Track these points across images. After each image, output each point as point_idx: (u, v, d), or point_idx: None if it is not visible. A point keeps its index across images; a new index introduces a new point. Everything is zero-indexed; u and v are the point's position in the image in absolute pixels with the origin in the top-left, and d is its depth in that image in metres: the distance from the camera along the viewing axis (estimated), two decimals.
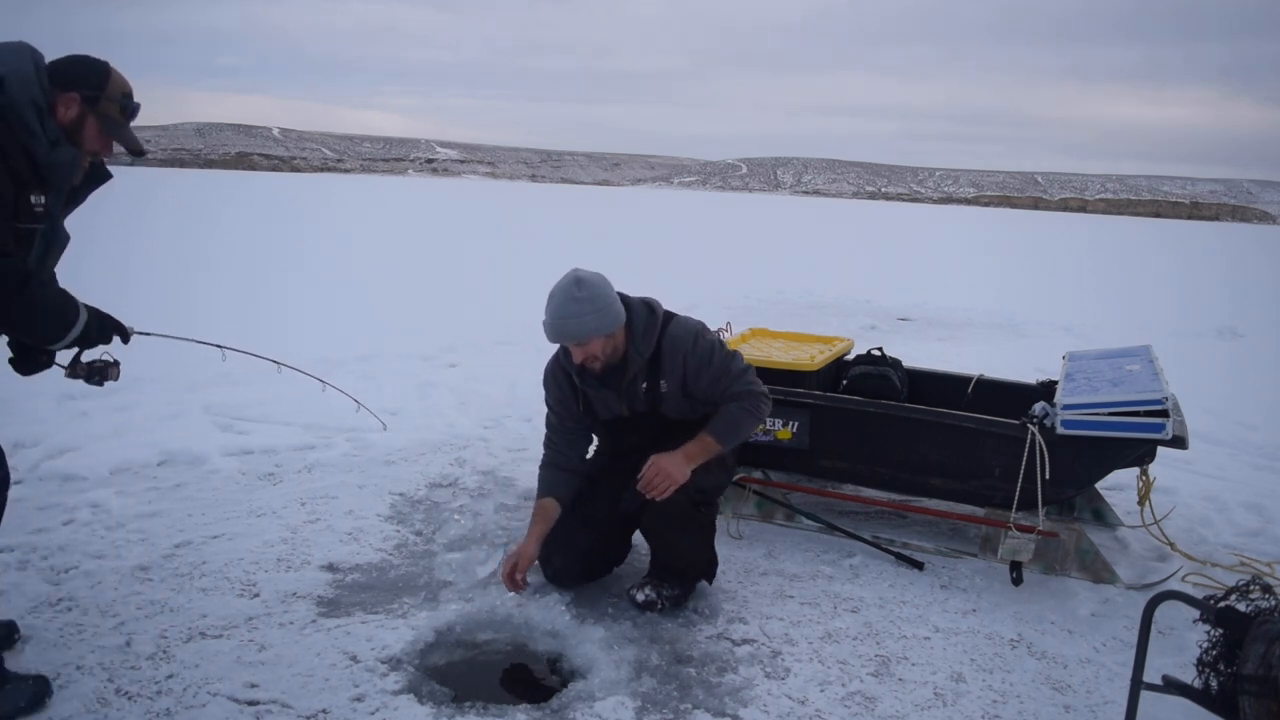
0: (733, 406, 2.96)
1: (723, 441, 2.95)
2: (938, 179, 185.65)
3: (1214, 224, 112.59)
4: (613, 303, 2.89)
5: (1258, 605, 1.85)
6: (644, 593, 3.02)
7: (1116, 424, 3.23)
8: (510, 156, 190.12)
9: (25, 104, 2.18)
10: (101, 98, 2.32)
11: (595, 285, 2.88)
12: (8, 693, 2.31)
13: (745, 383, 2.98)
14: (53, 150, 2.24)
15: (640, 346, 2.97)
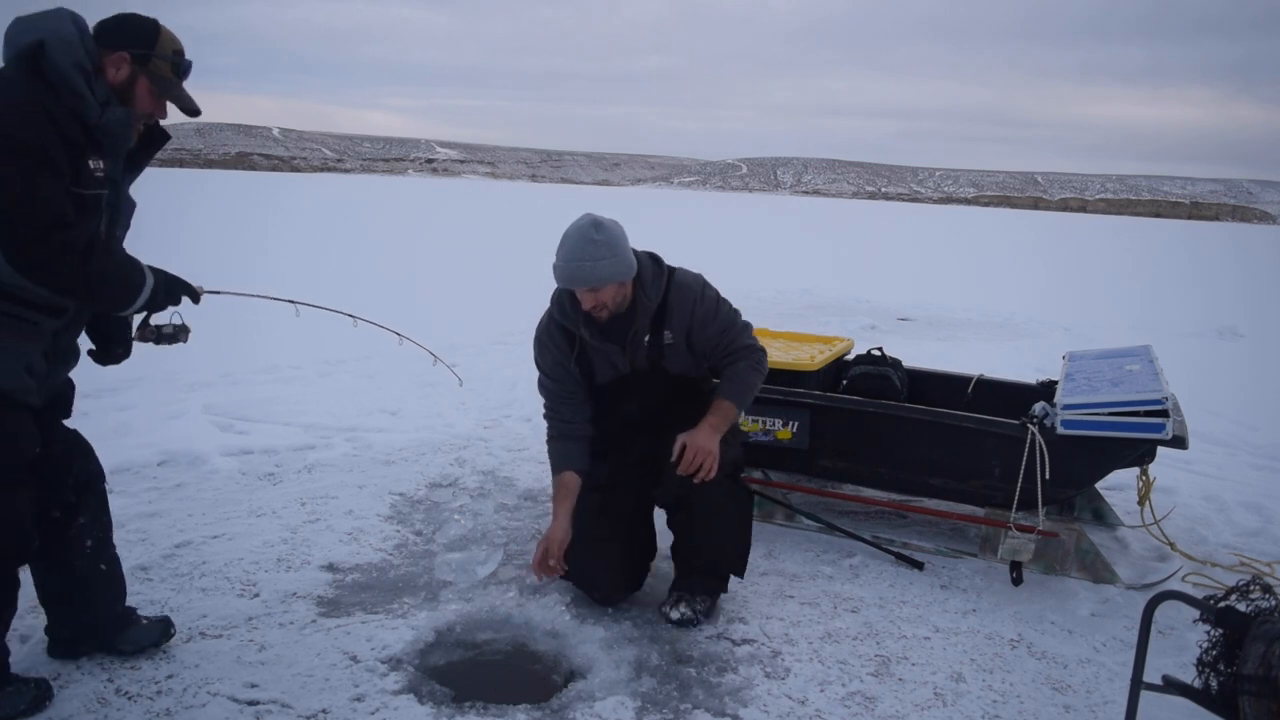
0: (741, 365, 2.94)
1: (739, 404, 2.93)
2: (938, 179, 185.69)
3: (1214, 224, 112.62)
4: (628, 250, 2.81)
5: (1258, 605, 1.85)
6: (679, 610, 2.92)
7: (1116, 424, 3.23)
8: (510, 156, 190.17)
9: (69, 67, 2.10)
10: (152, 56, 2.23)
11: (612, 230, 2.79)
12: (8, 695, 2.30)
13: (749, 336, 2.99)
14: (104, 112, 2.16)
15: (649, 293, 2.88)
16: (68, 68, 2.10)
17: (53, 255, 2.05)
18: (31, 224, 2.03)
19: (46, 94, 2.08)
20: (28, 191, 2.02)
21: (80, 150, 2.13)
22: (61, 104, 2.09)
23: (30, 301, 2.16)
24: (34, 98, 2.06)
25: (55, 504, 2.43)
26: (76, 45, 2.13)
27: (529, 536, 3.65)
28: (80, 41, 2.14)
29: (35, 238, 2.03)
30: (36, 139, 2.03)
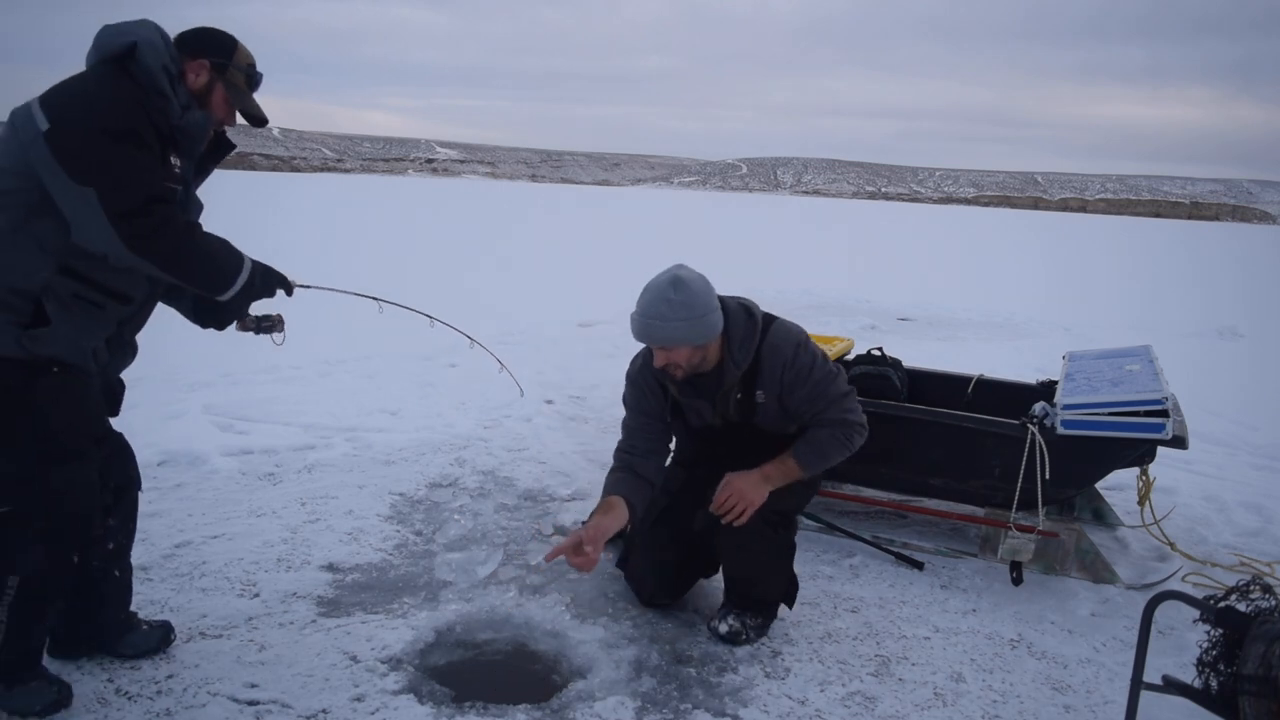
0: (822, 432, 2.77)
1: (805, 467, 2.77)
2: (938, 179, 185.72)
3: (1214, 224, 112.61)
4: (709, 313, 2.65)
5: (1258, 605, 1.85)
6: (726, 623, 2.84)
7: (1116, 424, 3.23)
8: (510, 156, 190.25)
9: (157, 69, 2.21)
10: (229, 66, 2.35)
11: (693, 290, 2.64)
12: (30, 691, 2.29)
13: (841, 409, 2.77)
14: (185, 114, 2.26)
15: (738, 357, 2.74)
16: (156, 69, 2.21)
17: (159, 226, 2.13)
18: (137, 197, 2.10)
19: (136, 90, 2.18)
20: (130, 168, 2.11)
21: (165, 146, 2.23)
22: (151, 102, 2.20)
23: (100, 284, 2.21)
24: (125, 90, 2.16)
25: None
26: (163, 50, 2.25)
27: (529, 536, 3.65)
28: (165, 48, 2.26)
29: (142, 210, 2.10)
30: (133, 124, 2.13)
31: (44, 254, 2.13)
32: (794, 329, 2.83)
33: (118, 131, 2.11)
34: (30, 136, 2.10)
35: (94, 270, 2.19)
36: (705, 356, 2.71)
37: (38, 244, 2.13)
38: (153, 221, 2.12)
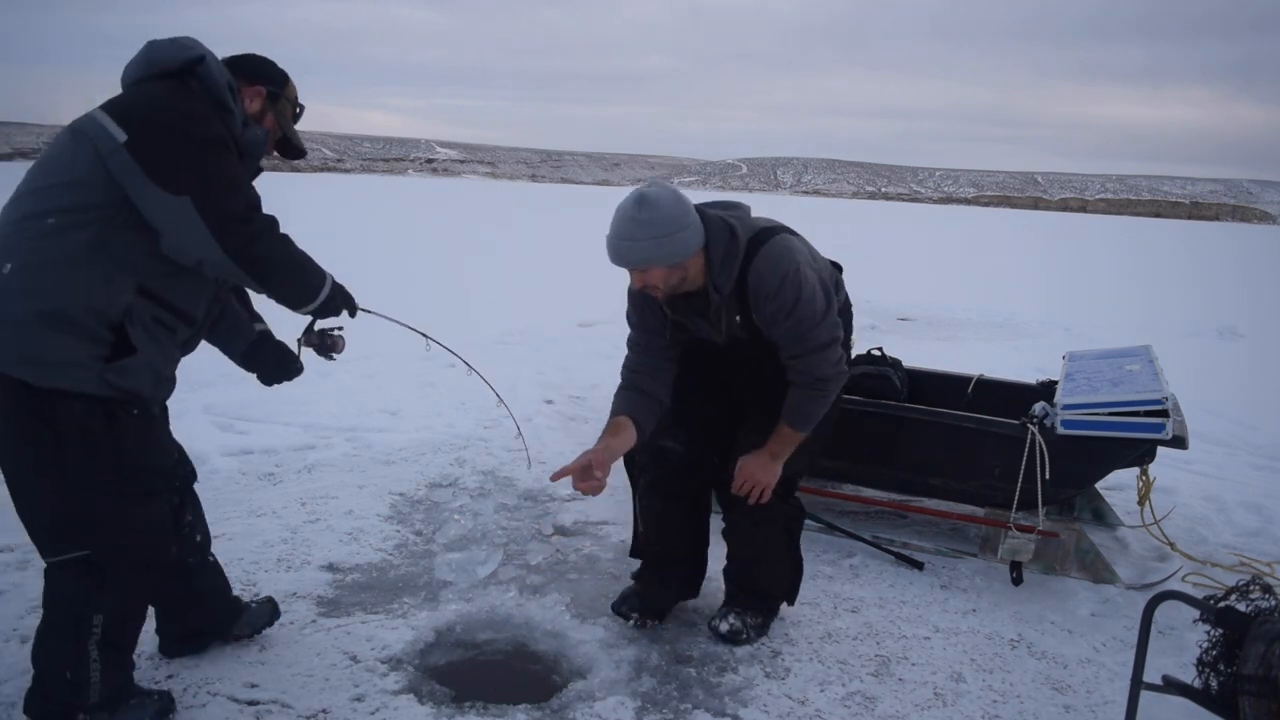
0: (796, 394, 2.67)
1: (800, 429, 2.70)
2: (938, 179, 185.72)
3: (1214, 224, 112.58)
4: (678, 230, 2.44)
5: (1258, 605, 1.85)
6: (727, 622, 2.83)
7: (1116, 424, 3.23)
8: (510, 156, 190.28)
9: (223, 84, 2.22)
10: (281, 96, 2.39)
11: (660, 206, 2.44)
12: (132, 709, 2.26)
13: (814, 362, 2.61)
14: (246, 130, 2.27)
15: (718, 280, 2.55)
16: (221, 84, 2.21)
17: (259, 233, 2.12)
18: (237, 203, 2.09)
19: (208, 102, 2.18)
20: (225, 175, 2.11)
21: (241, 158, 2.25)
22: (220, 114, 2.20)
23: (172, 305, 2.17)
24: (202, 100, 2.16)
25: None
26: (223, 70, 2.25)
27: (529, 536, 3.65)
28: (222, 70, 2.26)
29: (242, 216, 2.09)
30: (219, 131, 2.13)
31: (123, 274, 2.06)
32: (785, 254, 2.56)
33: (206, 139, 2.09)
34: (108, 148, 2.02)
35: (168, 290, 2.15)
36: (685, 276, 2.53)
37: (116, 263, 2.05)
38: (253, 229, 2.10)
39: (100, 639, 2.16)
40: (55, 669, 2.17)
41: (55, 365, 1.99)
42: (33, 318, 1.98)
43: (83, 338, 2.01)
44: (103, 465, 2.09)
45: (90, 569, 2.12)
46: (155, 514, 2.25)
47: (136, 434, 2.14)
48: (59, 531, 2.12)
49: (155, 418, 2.25)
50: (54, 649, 2.17)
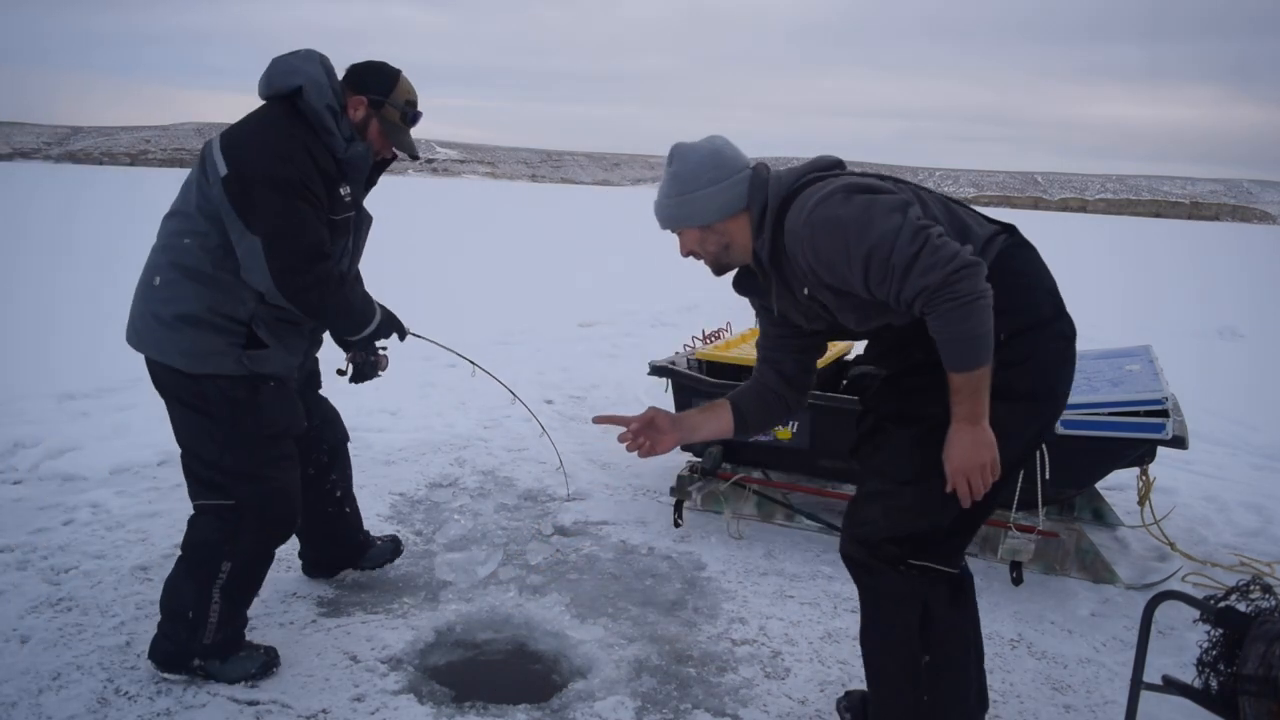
0: (934, 324, 1.89)
1: (966, 366, 1.88)
2: (938, 179, 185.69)
3: (1214, 224, 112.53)
4: (702, 187, 2.07)
5: (1258, 605, 1.85)
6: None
7: (1116, 424, 3.23)
8: (510, 156, 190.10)
9: (322, 109, 2.42)
10: (386, 103, 2.53)
11: (687, 161, 2.09)
12: (240, 660, 2.52)
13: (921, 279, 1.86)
14: (349, 147, 2.47)
15: (755, 246, 2.12)
16: (320, 109, 2.42)
17: (314, 284, 2.37)
18: (298, 254, 2.33)
19: (306, 133, 2.40)
20: (293, 223, 2.33)
21: (334, 181, 2.45)
22: (319, 140, 2.42)
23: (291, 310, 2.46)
24: (294, 137, 2.37)
25: (311, 464, 2.88)
26: (326, 88, 2.45)
27: (529, 536, 3.65)
28: (328, 84, 2.46)
29: (302, 267, 2.34)
30: (299, 174, 2.33)
31: (245, 287, 2.39)
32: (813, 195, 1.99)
33: (285, 182, 2.31)
34: (214, 178, 2.34)
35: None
36: (729, 244, 2.13)
37: (236, 278, 2.38)
38: (308, 280, 2.35)
39: (224, 584, 2.47)
40: (180, 609, 2.46)
41: (201, 356, 2.39)
42: (177, 320, 2.38)
43: (220, 333, 2.39)
44: (247, 430, 2.45)
45: (228, 517, 2.46)
46: (289, 478, 2.56)
47: (275, 402, 2.49)
48: (210, 482, 2.48)
49: (291, 391, 2.58)
50: (183, 589, 2.47)
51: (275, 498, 2.51)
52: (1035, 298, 2.05)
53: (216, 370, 2.40)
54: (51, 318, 7.90)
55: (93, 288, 9.87)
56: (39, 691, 2.42)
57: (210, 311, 2.38)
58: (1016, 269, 2.04)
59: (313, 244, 2.36)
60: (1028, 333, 2.01)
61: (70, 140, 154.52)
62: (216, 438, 2.46)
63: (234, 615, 2.53)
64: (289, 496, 2.55)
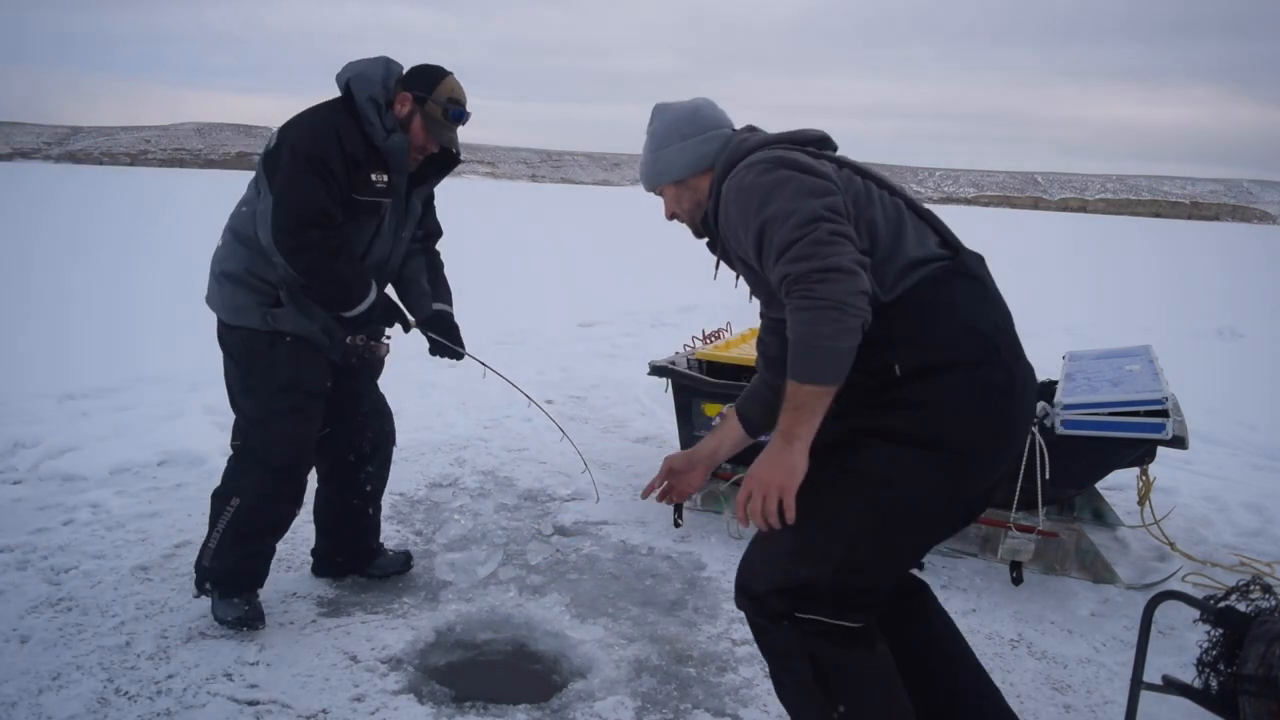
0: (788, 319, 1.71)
1: (800, 377, 1.68)
2: (938, 179, 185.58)
3: (1214, 224, 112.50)
4: (672, 143, 2.03)
5: (1258, 605, 1.85)
6: None
7: (1116, 424, 3.23)
8: (510, 156, 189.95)
9: (364, 100, 2.66)
10: (428, 100, 2.70)
11: (663, 118, 2.06)
12: (230, 605, 2.77)
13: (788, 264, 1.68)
14: (389, 137, 2.67)
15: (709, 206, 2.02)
16: (363, 100, 2.66)
17: (303, 246, 2.57)
18: (297, 217, 2.56)
19: (344, 119, 2.64)
20: (301, 190, 2.56)
21: (362, 165, 2.64)
22: (357, 127, 2.64)
23: None
24: (330, 121, 2.63)
25: (352, 450, 3.06)
26: (375, 83, 2.67)
27: (529, 536, 3.65)
28: (381, 81, 2.69)
29: (297, 229, 2.56)
30: (319, 150, 2.57)
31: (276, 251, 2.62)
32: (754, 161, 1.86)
33: (305, 154, 2.57)
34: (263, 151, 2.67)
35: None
36: (699, 200, 2.04)
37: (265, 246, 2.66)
38: (299, 241, 2.56)
39: (230, 518, 2.75)
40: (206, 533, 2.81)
41: (236, 309, 2.71)
42: (223, 277, 2.73)
43: (253, 291, 2.69)
44: (259, 379, 2.73)
45: (240, 457, 2.78)
46: (297, 429, 2.77)
47: (290, 358, 2.72)
48: (236, 425, 2.81)
49: (308, 351, 2.75)
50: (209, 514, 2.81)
51: (276, 444, 2.74)
52: (954, 336, 1.77)
53: (246, 324, 2.72)
54: (52, 318, 7.90)
55: (93, 288, 9.88)
56: (39, 691, 2.42)
57: (247, 272, 2.70)
58: (941, 300, 1.79)
59: (313, 212, 2.57)
60: (933, 374, 1.75)
61: (70, 140, 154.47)
62: (238, 384, 2.79)
63: (232, 551, 2.76)
64: (291, 445, 2.76)
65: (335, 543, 3.14)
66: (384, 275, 2.90)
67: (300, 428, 2.78)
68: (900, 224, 1.86)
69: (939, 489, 1.80)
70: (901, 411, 1.76)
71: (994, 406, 1.78)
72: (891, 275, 1.79)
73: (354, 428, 3.04)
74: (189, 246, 14.74)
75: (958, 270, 1.84)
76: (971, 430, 1.77)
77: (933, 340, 1.77)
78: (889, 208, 1.87)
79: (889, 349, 1.75)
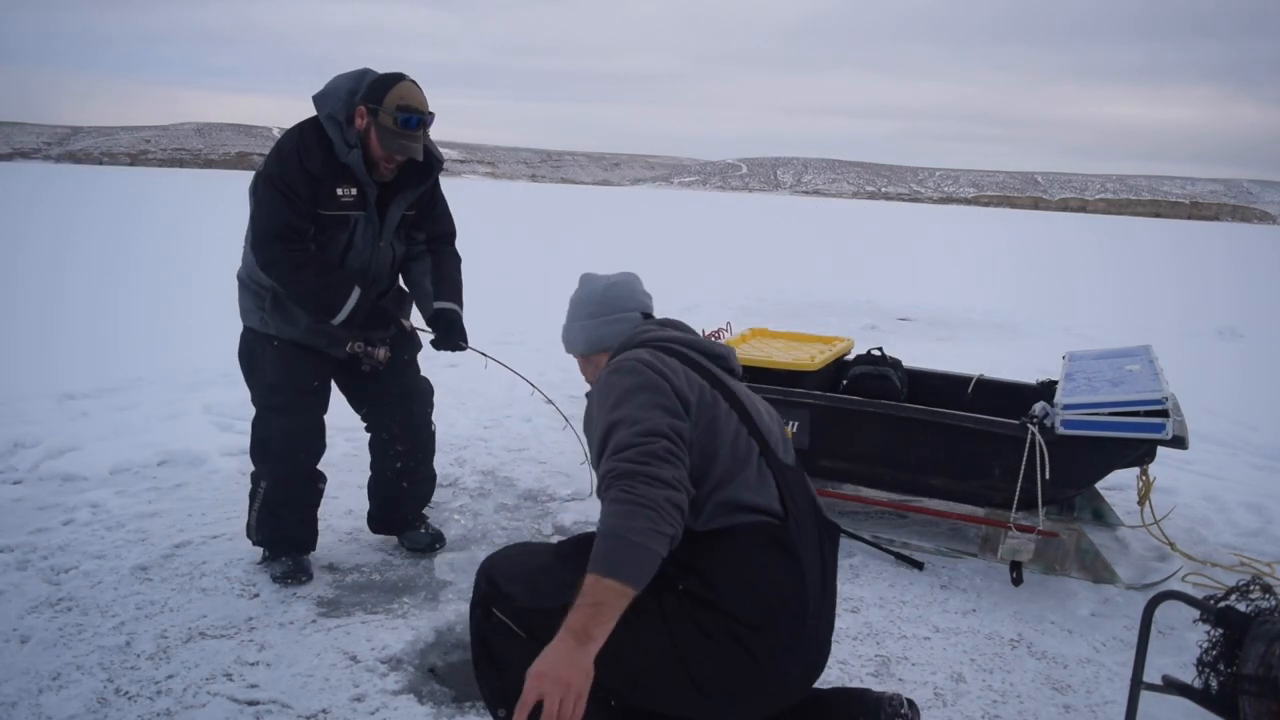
0: (603, 512, 1.67)
1: (597, 569, 1.59)
2: (938, 179, 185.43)
3: (1214, 224, 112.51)
4: (576, 320, 2.18)
5: (1258, 605, 1.85)
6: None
7: (1116, 424, 3.23)
8: (510, 156, 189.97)
9: (325, 117, 2.78)
10: (380, 110, 2.74)
11: (581, 291, 2.23)
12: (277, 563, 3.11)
13: (612, 463, 1.71)
14: (349, 152, 2.77)
15: None
16: (324, 118, 2.78)
17: (273, 260, 2.79)
18: (263, 234, 2.79)
19: (309, 137, 2.78)
20: (266, 210, 2.77)
21: (323, 181, 2.76)
22: (318, 145, 2.76)
23: None
24: (294, 141, 2.78)
25: (383, 430, 3.29)
26: (336, 99, 2.78)
27: (529, 536, 3.65)
28: (345, 96, 2.77)
29: (265, 244, 2.78)
30: (280, 170, 2.75)
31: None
32: (625, 359, 1.92)
33: (270, 177, 2.76)
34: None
35: None
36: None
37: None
38: (267, 256, 2.79)
39: (262, 498, 3.08)
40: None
41: (243, 311, 3.03)
42: (239, 282, 3.02)
43: (254, 296, 2.96)
44: (258, 377, 3.03)
45: (254, 447, 3.10)
46: (291, 421, 3.02)
47: (277, 359, 2.97)
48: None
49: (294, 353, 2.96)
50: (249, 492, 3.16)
51: (274, 434, 3.01)
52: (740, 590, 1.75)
53: (248, 324, 3.01)
54: (52, 318, 7.90)
55: (93, 287, 9.88)
56: (39, 691, 2.42)
57: (249, 278, 2.97)
58: (742, 550, 1.77)
59: (275, 228, 2.76)
60: (707, 607, 1.74)
61: (70, 140, 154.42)
62: (244, 377, 3.07)
63: (267, 524, 3.09)
64: (285, 435, 3.02)
65: (375, 507, 3.42)
66: (368, 282, 2.97)
67: (293, 419, 3.02)
68: (744, 464, 1.85)
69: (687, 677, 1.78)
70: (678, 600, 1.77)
71: (746, 665, 1.76)
72: (710, 507, 1.79)
73: (382, 411, 3.26)
74: (189, 247, 14.73)
75: (775, 535, 1.80)
76: (725, 677, 1.77)
77: (720, 583, 1.76)
78: (740, 446, 1.86)
79: (682, 569, 1.76)
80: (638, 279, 2.25)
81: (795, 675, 1.88)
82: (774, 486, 1.87)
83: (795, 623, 1.80)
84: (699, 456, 1.81)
